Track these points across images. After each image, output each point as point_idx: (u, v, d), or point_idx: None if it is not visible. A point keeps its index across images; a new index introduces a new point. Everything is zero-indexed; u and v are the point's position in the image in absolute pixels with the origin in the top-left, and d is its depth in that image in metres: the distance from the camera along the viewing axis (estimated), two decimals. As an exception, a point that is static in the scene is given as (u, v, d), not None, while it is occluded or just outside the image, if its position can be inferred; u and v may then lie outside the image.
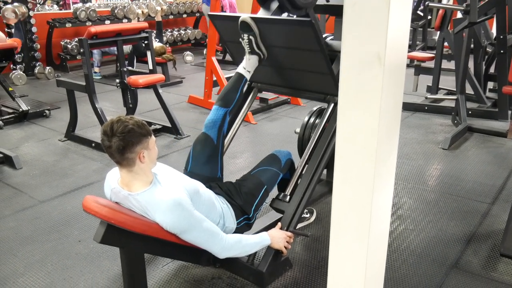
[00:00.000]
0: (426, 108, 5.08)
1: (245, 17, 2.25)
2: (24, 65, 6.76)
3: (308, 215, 2.82)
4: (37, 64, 6.90)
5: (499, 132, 4.28)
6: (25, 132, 4.59)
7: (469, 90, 4.92)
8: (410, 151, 3.94)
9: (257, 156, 3.75)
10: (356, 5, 1.18)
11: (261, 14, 2.47)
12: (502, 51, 4.43)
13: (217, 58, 5.33)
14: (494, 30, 4.87)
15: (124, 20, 7.80)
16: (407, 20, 1.24)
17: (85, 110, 4.76)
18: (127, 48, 6.23)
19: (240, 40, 2.33)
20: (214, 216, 2.10)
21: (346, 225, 1.38)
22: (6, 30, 6.35)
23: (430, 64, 5.53)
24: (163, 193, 1.88)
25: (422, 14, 7.86)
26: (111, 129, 1.79)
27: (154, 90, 4.38)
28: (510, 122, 4.23)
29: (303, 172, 2.42)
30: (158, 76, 4.39)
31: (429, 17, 8.37)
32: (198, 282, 2.26)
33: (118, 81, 4.39)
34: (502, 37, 4.38)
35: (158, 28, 7.08)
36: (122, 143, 1.78)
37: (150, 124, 4.49)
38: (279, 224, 2.28)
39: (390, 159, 1.38)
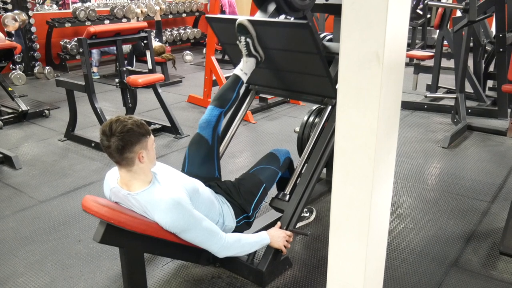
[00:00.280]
0: (425, 106, 5.09)
1: (242, 19, 2.24)
2: (23, 65, 6.76)
3: (307, 214, 2.82)
4: (36, 64, 6.90)
5: (499, 130, 4.28)
6: (24, 132, 4.59)
7: (468, 88, 4.93)
8: (409, 150, 3.94)
9: (256, 155, 3.75)
10: (354, 4, 1.18)
11: (258, 16, 2.46)
12: (501, 50, 4.43)
13: (216, 58, 5.33)
14: (493, 29, 4.87)
15: (123, 19, 7.79)
16: (406, 18, 1.24)
17: (84, 110, 4.76)
18: (127, 47, 6.22)
19: (237, 42, 2.32)
20: (213, 215, 2.11)
21: (346, 223, 1.38)
22: (7, 38, 6.34)
23: (430, 62, 5.53)
24: (163, 192, 1.88)
25: (421, 12, 7.87)
26: (110, 129, 1.79)
27: (154, 90, 4.38)
28: (509, 120, 4.23)
29: (303, 171, 2.42)
30: (158, 75, 4.39)
31: (428, 15, 8.37)
32: (198, 282, 2.27)
33: (117, 80, 4.40)
34: (501, 35, 4.37)
35: (158, 27, 7.06)
36: (121, 143, 1.78)
37: (150, 123, 4.49)
38: (279, 223, 2.28)
39: (389, 158, 1.38)
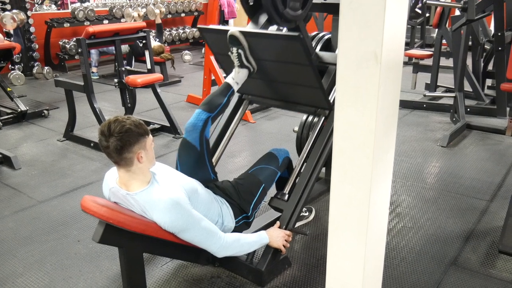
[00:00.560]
0: (424, 105, 5.09)
1: (233, 30, 2.22)
2: (22, 65, 6.75)
3: (307, 214, 2.82)
4: (35, 64, 6.89)
5: (498, 129, 4.28)
6: (23, 132, 4.59)
7: (467, 87, 4.93)
8: (408, 149, 3.94)
9: (255, 155, 3.75)
10: (352, 3, 1.18)
11: (250, 28, 2.44)
12: (500, 48, 4.43)
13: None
14: (492, 27, 4.87)
15: (122, 19, 7.78)
16: (404, 18, 1.24)
17: (83, 110, 4.76)
18: (126, 47, 6.22)
19: (229, 53, 2.30)
20: (212, 215, 2.11)
21: (344, 223, 1.38)
22: (5, 38, 6.33)
23: (429, 61, 5.53)
24: (161, 192, 1.89)
25: (420, 11, 7.87)
26: (109, 129, 1.79)
27: (153, 90, 4.38)
28: (508, 119, 4.23)
29: (302, 170, 2.42)
30: (157, 75, 4.39)
31: (427, 14, 8.37)
32: (197, 281, 2.27)
33: (116, 80, 4.39)
34: (500, 34, 4.37)
35: (158, 29, 7.07)
36: (119, 143, 1.78)
37: (149, 123, 4.49)
38: (278, 222, 2.29)
39: (388, 157, 1.39)
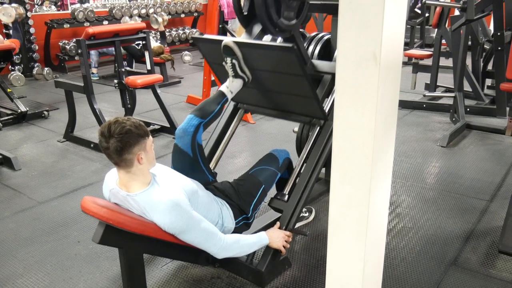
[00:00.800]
0: (424, 106, 5.09)
1: (227, 41, 2.21)
2: (22, 66, 6.75)
3: (307, 214, 2.82)
4: (35, 65, 6.89)
5: (498, 129, 4.28)
6: (23, 133, 4.59)
7: (467, 87, 4.93)
8: (408, 149, 3.94)
9: (255, 155, 3.75)
10: (351, 3, 1.18)
11: (244, 37, 2.44)
12: (499, 48, 4.43)
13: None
14: (491, 27, 4.87)
15: (122, 20, 7.79)
16: (403, 18, 1.24)
17: (83, 111, 4.76)
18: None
19: (223, 63, 2.30)
20: (212, 216, 2.11)
21: (344, 223, 1.38)
22: (4, 31, 6.34)
23: (428, 61, 5.53)
24: (161, 193, 1.89)
25: (419, 11, 7.86)
26: (109, 130, 1.79)
27: (153, 90, 4.38)
28: (508, 118, 4.23)
29: (301, 171, 2.42)
30: (156, 76, 4.39)
31: (426, 14, 8.37)
32: (197, 282, 2.27)
33: (116, 81, 4.40)
34: (499, 34, 4.37)
35: (162, 36, 7.11)
36: (120, 144, 1.78)
37: (149, 124, 4.49)
38: (278, 223, 2.29)
39: (387, 157, 1.39)
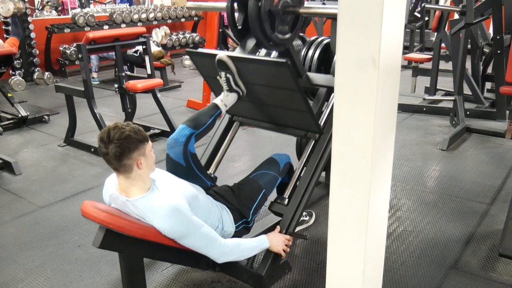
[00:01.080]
0: (424, 109, 5.10)
1: (221, 55, 2.22)
2: (23, 70, 6.77)
3: (307, 218, 2.82)
4: (36, 69, 6.91)
5: (497, 132, 4.29)
6: (24, 137, 4.60)
7: (467, 90, 4.94)
8: (408, 153, 3.94)
9: (256, 159, 3.75)
10: (350, 8, 1.19)
11: (238, 52, 2.44)
12: (499, 51, 4.44)
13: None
14: (491, 31, 4.89)
15: (122, 25, 7.82)
16: (401, 22, 1.25)
17: (84, 115, 4.76)
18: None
19: (218, 78, 2.30)
20: (212, 220, 2.11)
21: (344, 226, 1.39)
22: (3, 27, 6.28)
23: (428, 65, 5.54)
24: (161, 199, 1.89)
25: (419, 15, 7.89)
26: (108, 136, 1.79)
27: (153, 95, 4.39)
28: (508, 122, 4.23)
29: (301, 174, 2.42)
30: (157, 80, 4.40)
31: (426, 18, 8.40)
32: (197, 286, 2.27)
33: (116, 86, 4.41)
34: (498, 37, 4.39)
35: (163, 48, 7.15)
36: (119, 150, 1.78)
37: (149, 128, 4.50)
38: (278, 227, 2.28)
39: (387, 160, 1.39)
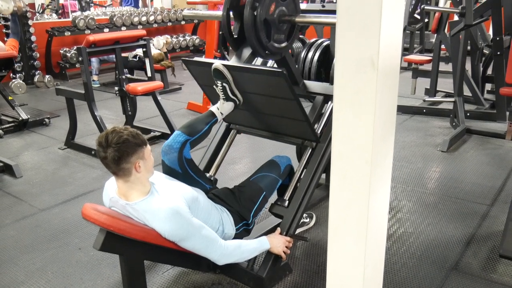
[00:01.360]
0: (424, 110, 5.10)
1: (217, 64, 2.22)
2: (23, 74, 6.78)
3: (307, 220, 2.82)
4: (36, 72, 6.92)
5: (498, 133, 4.29)
6: (25, 140, 4.60)
7: (467, 92, 4.94)
8: (408, 154, 3.95)
9: (256, 161, 3.76)
10: (349, 9, 1.19)
11: (234, 61, 2.44)
12: (498, 53, 4.45)
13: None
14: (490, 32, 4.89)
15: (122, 28, 7.84)
16: (400, 24, 1.25)
17: (84, 118, 4.77)
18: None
19: (214, 87, 2.30)
20: (213, 222, 2.11)
21: (344, 227, 1.39)
22: (3, 23, 6.25)
23: (428, 67, 5.55)
24: (161, 202, 1.89)
25: (419, 17, 7.90)
26: (106, 140, 1.80)
27: (153, 97, 4.40)
28: (508, 123, 4.23)
29: (302, 176, 2.42)
30: (157, 83, 4.41)
31: (426, 20, 8.41)
32: (198, 288, 2.27)
33: (117, 88, 4.42)
34: (498, 38, 4.39)
35: (165, 55, 7.17)
36: (117, 154, 1.79)
37: (149, 131, 4.50)
38: (278, 229, 2.28)
39: (386, 162, 1.39)
